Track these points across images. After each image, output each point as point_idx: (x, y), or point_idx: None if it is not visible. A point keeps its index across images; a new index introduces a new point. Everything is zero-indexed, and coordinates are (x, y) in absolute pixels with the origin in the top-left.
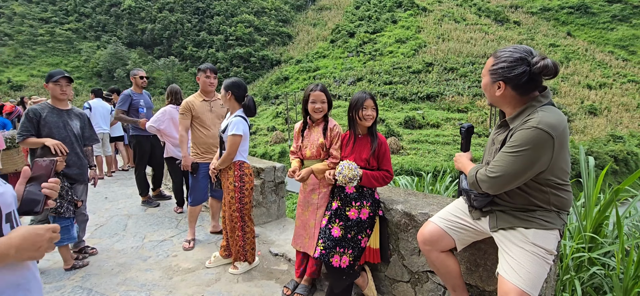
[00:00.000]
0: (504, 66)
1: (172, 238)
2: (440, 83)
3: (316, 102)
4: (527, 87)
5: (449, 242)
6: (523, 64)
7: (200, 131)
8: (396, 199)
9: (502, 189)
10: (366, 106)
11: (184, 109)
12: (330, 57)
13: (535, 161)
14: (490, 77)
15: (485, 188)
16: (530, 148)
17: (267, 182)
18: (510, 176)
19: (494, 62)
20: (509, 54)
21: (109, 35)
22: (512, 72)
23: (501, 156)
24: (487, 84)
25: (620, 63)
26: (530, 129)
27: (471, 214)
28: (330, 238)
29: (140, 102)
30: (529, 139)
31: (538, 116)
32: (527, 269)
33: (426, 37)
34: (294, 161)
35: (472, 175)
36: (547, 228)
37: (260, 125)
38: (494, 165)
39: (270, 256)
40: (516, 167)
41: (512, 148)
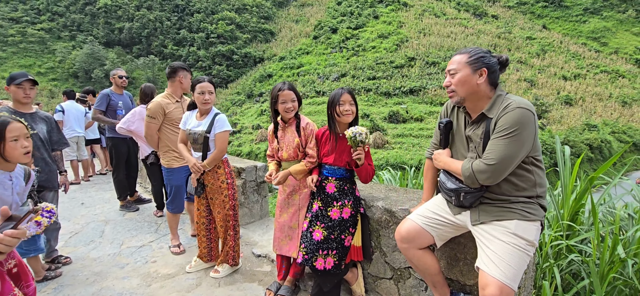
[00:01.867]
0: (483, 54)
1: (151, 243)
2: (422, 77)
3: (286, 101)
4: (496, 76)
5: (427, 239)
6: (491, 56)
7: (175, 134)
8: (377, 196)
9: (502, 176)
10: (343, 101)
11: (156, 112)
12: (313, 53)
13: (526, 139)
14: (471, 67)
15: (485, 178)
16: (520, 127)
17: (248, 182)
18: (508, 159)
19: (468, 55)
20: (479, 49)
21: (85, 35)
22: (490, 60)
23: (494, 143)
24: (466, 76)
25: (593, 54)
26: (515, 110)
27: (451, 210)
28: (312, 242)
29: (118, 104)
30: (517, 120)
31: (513, 99)
32: (507, 261)
33: (408, 32)
34: (271, 165)
35: (466, 169)
36: (528, 219)
37: (245, 123)
38: (489, 153)
39: (253, 257)
40: (512, 149)
41: (504, 132)
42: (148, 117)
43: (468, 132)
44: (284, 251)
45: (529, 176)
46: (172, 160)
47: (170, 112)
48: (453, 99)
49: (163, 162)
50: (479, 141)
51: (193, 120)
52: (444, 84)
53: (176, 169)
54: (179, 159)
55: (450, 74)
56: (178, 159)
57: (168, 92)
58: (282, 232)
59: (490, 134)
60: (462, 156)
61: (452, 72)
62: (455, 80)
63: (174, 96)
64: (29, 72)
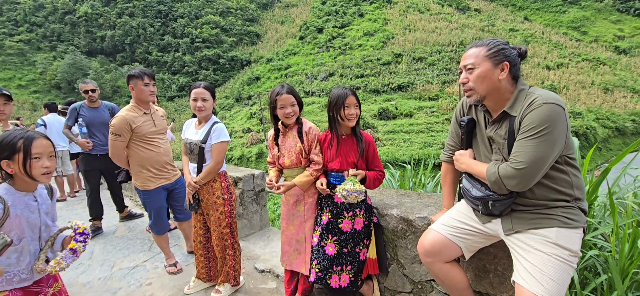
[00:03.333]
0: (503, 47)
1: (145, 262)
2: (410, 73)
3: (286, 106)
4: (518, 70)
5: (454, 251)
6: (510, 47)
7: (148, 150)
8: (389, 203)
9: (533, 181)
10: (348, 104)
11: (121, 128)
12: (300, 54)
13: (557, 138)
14: (492, 61)
15: (514, 184)
16: (550, 125)
17: (246, 191)
18: (539, 162)
19: (487, 48)
20: (497, 40)
21: (66, 45)
22: (511, 52)
23: (521, 144)
24: (486, 72)
25: (574, 43)
26: (542, 106)
27: (479, 218)
28: (325, 258)
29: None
30: (547, 117)
31: (538, 94)
32: (550, 275)
33: (393, 29)
34: (271, 171)
35: (492, 173)
36: (570, 226)
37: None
38: (517, 156)
39: (256, 273)
40: (542, 150)
41: (532, 132)
42: (112, 135)
43: (489, 132)
44: (294, 266)
45: (564, 178)
46: (147, 181)
47: (139, 127)
48: (471, 98)
49: (137, 183)
50: (502, 142)
51: (191, 129)
52: (460, 80)
53: (152, 191)
54: (155, 179)
55: (466, 70)
56: (153, 179)
57: (133, 103)
58: (290, 246)
59: (515, 134)
60: (485, 158)
61: (469, 67)
62: (474, 76)
63: (140, 108)
64: (5, 87)
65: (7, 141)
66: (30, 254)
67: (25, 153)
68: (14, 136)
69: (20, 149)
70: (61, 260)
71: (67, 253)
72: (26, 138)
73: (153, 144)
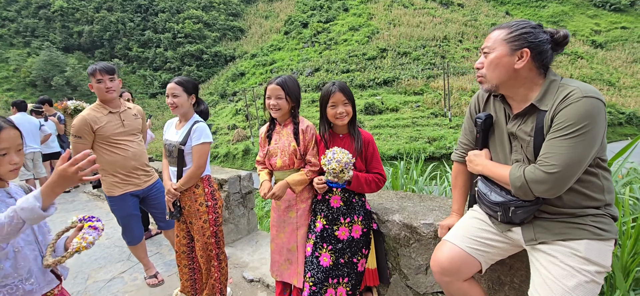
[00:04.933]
0: (528, 30)
1: (122, 274)
2: (395, 68)
3: (271, 97)
4: (546, 58)
5: (474, 267)
6: (542, 32)
7: (113, 154)
8: (390, 207)
9: (566, 187)
10: (335, 102)
11: (80, 130)
12: (285, 49)
13: (596, 137)
14: (510, 46)
15: (544, 190)
16: (590, 122)
17: (232, 194)
18: (575, 165)
19: (508, 31)
20: (525, 22)
21: (41, 41)
22: (538, 37)
23: (553, 144)
24: (500, 57)
25: None
26: (580, 100)
27: (496, 227)
28: (320, 269)
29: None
30: (586, 113)
31: (575, 86)
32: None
33: (378, 24)
34: (262, 173)
35: (517, 177)
36: (602, 237)
37: (221, 124)
38: (549, 158)
39: (244, 283)
40: (579, 151)
41: (568, 130)
42: (72, 137)
43: (511, 128)
44: (286, 278)
45: (596, 182)
46: (112, 186)
47: (102, 128)
48: (483, 86)
49: (103, 188)
50: (528, 140)
51: (172, 129)
52: (476, 65)
53: (118, 197)
54: (121, 184)
55: (484, 53)
56: (119, 184)
57: (97, 102)
58: (281, 255)
59: (544, 131)
60: (502, 158)
61: (486, 50)
62: (487, 62)
63: (104, 107)
64: None
65: None
66: (30, 260)
67: None
68: None
69: None
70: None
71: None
72: None
73: (119, 147)
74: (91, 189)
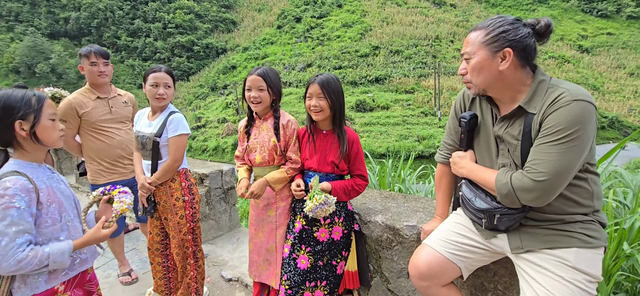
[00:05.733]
0: (507, 28)
1: (95, 270)
2: (387, 66)
3: (251, 89)
4: (530, 54)
5: (453, 272)
6: (522, 25)
7: (98, 141)
8: (373, 208)
9: (554, 195)
10: (311, 93)
11: (65, 113)
12: (278, 43)
13: (586, 143)
14: (489, 48)
15: (531, 198)
16: (581, 127)
17: (213, 189)
18: (564, 173)
19: (485, 32)
20: (502, 19)
21: (25, 26)
22: (517, 34)
23: (542, 150)
24: (482, 62)
25: None
26: (571, 104)
27: (481, 233)
28: (296, 272)
29: None
30: (577, 118)
31: (565, 88)
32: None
33: (371, 21)
34: (241, 170)
35: (503, 184)
36: (592, 245)
37: (210, 117)
38: (537, 164)
39: (223, 282)
40: (569, 158)
41: (558, 135)
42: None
43: (498, 130)
44: (264, 278)
45: (585, 187)
46: (97, 174)
47: (88, 113)
48: (471, 91)
49: (88, 176)
50: (515, 143)
51: (144, 119)
52: (459, 71)
53: (102, 186)
54: (106, 173)
55: (464, 59)
56: (104, 173)
57: (86, 86)
58: (259, 255)
59: (533, 135)
60: (488, 161)
61: (466, 56)
62: (470, 67)
63: (93, 91)
64: None
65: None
66: (79, 231)
67: (38, 113)
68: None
69: (33, 107)
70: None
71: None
72: (38, 96)
73: (105, 134)
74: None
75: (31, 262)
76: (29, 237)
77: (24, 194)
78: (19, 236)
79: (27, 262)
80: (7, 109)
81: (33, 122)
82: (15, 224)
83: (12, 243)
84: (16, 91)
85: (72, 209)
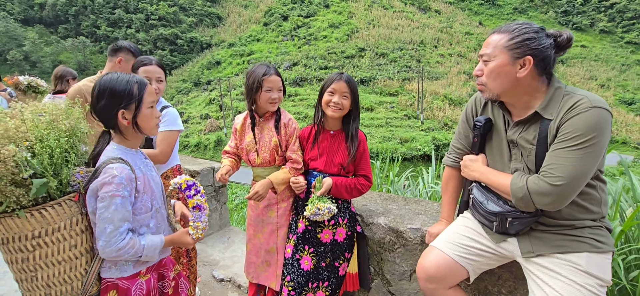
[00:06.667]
0: (531, 36)
1: None
2: (372, 68)
3: (272, 90)
4: (549, 63)
5: (460, 275)
6: (545, 35)
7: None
8: (374, 209)
9: (569, 200)
10: (334, 90)
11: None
12: (264, 40)
13: (602, 149)
14: (511, 53)
15: (547, 202)
16: (598, 134)
17: (204, 187)
18: (580, 178)
19: (509, 36)
20: (527, 26)
21: None
22: (541, 44)
23: (559, 155)
24: (501, 66)
25: None
26: (590, 111)
27: (490, 236)
28: (300, 273)
29: None
30: (596, 124)
31: (582, 96)
32: None
33: (358, 23)
34: (225, 159)
35: (519, 188)
36: (601, 250)
37: (193, 113)
38: (554, 169)
39: (214, 282)
40: (586, 163)
41: (576, 141)
42: None
43: (512, 135)
44: (262, 280)
45: (595, 194)
46: None
47: None
48: (484, 95)
49: None
50: (529, 148)
51: None
52: (475, 72)
53: None
54: None
55: (482, 60)
56: None
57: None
58: (258, 256)
59: (548, 141)
60: (499, 165)
61: (485, 58)
62: (488, 70)
63: None
64: None
65: (122, 85)
66: (165, 218)
67: (139, 102)
68: (126, 79)
69: (135, 96)
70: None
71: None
72: (140, 83)
73: None
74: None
75: (129, 251)
76: (129, 225)
77: (127, 183)
78: (122, 224)
79: (126, 250)
80: (111, 98)
81: (135, 112)
82: (119, 212)
83: (116, 231)
84: (121, 78)
85: (160, 197)
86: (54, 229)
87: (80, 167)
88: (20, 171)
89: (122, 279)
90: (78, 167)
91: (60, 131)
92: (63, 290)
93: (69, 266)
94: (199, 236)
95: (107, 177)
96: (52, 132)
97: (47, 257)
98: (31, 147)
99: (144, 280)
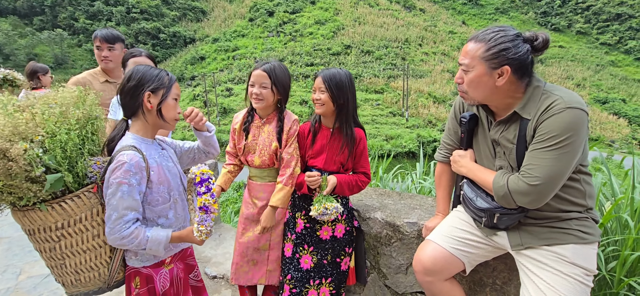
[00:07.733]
0: (508, 46)
1: None
2: (358, 65)
3: (254, 85)
4: (527, 70)
5: (456, 267)
6: (522, 41)
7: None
8: (371, 205)
9: (548, 198)
10: (314, 88)
11: None
12: (249, 36)
13: (578, 148)
14: (488, 64)
15: (526, 201)
16: (574, 134)
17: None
18: (557, 177)
19: (486, 46)
20: (503, 33)
21: None
22: (517, 52)
23: (536, 156)
24: (479, 77)
25: None
26: (564, 112)
27: (481, 230)
28: (300, 271)
29: None
30: (570, 124)
31: (559, 95)
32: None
33: (344, 20)
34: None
35: (500, 186)
36: (587, 241)
37: None
38: (532, 169)
39: (207, 279)
40: (562, 163)
41: (551, 141)
42: None
43: (494, 134)
44: (244, 281)
45: (578, 187)
46: None
47: None
48: (466, 102)
49: None
50: (510, 147)
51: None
52: (456, 79)
53: None
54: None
55: (462, 69)
56: None
57: (98, 68)
58: (243, 256)
59: (527, 140)
60: (487, 161)
61: (463, 68)
62: (467, 80)
63: (103, 74)
64: None
65: (154, 72)
66: (183, 208)
67: (168, 90)
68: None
69: (165, 84)
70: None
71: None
72: (171, 76)
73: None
74: None
75: (132, 241)
76: (136, 215)
77: (136, 171)
78: (127, 212)
79: (130, 240)
80: (142, 80)
81: (161, 99)
82: (124, 200)
83: (121, 219)
84: (153, 69)
85: (178, 187)
86: (75, 220)
87: (97, 157)
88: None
89: (145, 267)
90: (95, 157)
91: (71, 124)
92: (90, 276)
93: (93, 255)
94: (203, 238)
95: (116, 163)
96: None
97: (72, 247)
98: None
99: (167, 269)
